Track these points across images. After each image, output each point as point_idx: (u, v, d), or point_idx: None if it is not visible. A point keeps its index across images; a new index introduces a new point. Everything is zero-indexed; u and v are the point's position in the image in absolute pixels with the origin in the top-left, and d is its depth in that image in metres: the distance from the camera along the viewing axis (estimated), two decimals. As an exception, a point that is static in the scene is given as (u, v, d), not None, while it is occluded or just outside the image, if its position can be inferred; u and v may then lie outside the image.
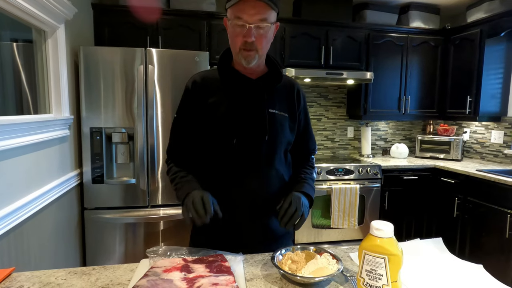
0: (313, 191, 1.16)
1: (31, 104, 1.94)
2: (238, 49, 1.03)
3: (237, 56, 1.06)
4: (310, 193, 1.13)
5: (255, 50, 1.02)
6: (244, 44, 1.01)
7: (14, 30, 2.08)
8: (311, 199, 1.12)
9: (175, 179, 1.12)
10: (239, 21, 0.99)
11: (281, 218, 1.00)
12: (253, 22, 0.98)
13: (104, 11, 2.53)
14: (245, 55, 1.03)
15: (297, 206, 1.02)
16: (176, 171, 1.14)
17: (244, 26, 0.99)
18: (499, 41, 2.86)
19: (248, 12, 0.97)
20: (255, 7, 0.97)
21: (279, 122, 1.10)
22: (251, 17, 0.98)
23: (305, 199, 1.08)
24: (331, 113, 3.46)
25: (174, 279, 0.80)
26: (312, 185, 1.18)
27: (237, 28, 1.00)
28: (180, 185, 1.08)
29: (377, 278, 0.74)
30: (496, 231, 2.38)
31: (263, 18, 0.99)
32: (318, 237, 2.80)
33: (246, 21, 0.98)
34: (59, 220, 1.87)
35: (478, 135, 3.25)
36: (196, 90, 1.12)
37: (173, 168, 1.16)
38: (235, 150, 1.07)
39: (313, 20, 2.93)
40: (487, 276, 0.87)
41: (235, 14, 0.99)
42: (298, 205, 1.02)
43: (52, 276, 0.85)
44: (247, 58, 1.03)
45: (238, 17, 0.99)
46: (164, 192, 2.25)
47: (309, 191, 1.13)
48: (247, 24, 0.98)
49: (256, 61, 1.05)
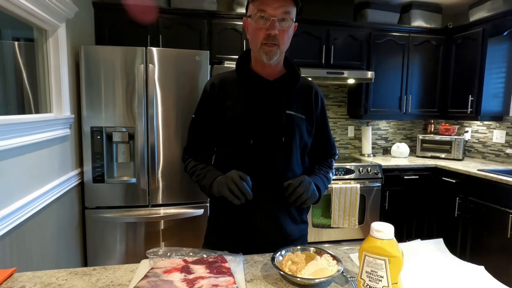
0: (324, 187, 1.15)
1: (32, 103, 1.95)
2: (259, 44, 1.04)
3: (257, 53, 1.06)
4: (320, 186, 1.12)
5: (277, 45, 1.03)
6: (267, 37, 1.01)
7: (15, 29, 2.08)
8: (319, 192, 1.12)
9: (196, 171, 1.14)
10: (263, 13, 1.00)
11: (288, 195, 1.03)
12: (277, 15, 1.00)
13: (105, 10, 2.53)
14: (266, 50, 1.03)
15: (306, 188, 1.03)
16: (195, 164, 1.16)
17: (268, 19, 1.00)
18: (501, 40, 2.85)
19: (272, 5, 0.99)
20: (279, 0, 0.99)
21: (296, 123, 1.10)
22: (274, 10, 0.99)
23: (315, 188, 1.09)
24: (331, 113, 3.46)
25: (174, 280, 0.80)
26: (325, 182, 1.17)
27: (260, 22, 1.01)
28: (203, 175, 1.10)
29: (378, 280, 0.74)
30: (498, 231, 2.37)
31: (287, 11, 1.01)
32: (319, 236, 2.80)
33: (270, 14, 0.99)
34: (60, 219, 1.87)
35: (480, 135, 3.24)
36: (214, 92, 1.13)
37: (191, 162, 1.18)
38: (252, 151, 1.07)
39: (314, 19, 2.92)
40: (489, 278, 0.86)
41: (259, 8, 1.00)
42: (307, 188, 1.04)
43: (53, 276, 0.85)
44: (268, 53, 1.03)
45: (261, 10, 1.00)
46: (165, 191, 2.25)
47: (319, 184, 1.12)
48: (271, 17, 0.99)
49: (277, 57, 1.05)
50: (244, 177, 0.99)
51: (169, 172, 2.25)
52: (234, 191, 0.98)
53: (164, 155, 2.23)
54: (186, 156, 1.22)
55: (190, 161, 1.19)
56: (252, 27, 1.04)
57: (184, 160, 1.22)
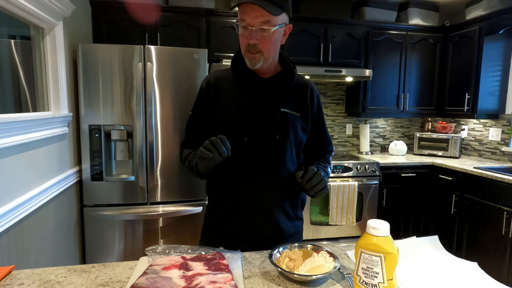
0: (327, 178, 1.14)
1: (30, 101, 1.94)
2: (244, 51, 1.05)
3: (244, 57, 1.08)
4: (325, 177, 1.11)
5: (260, 52, 1.03)
6: (248, 46, 1.03)
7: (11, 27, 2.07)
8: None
9: (188, 156, 1.15)
10: (242, 23, 1.01)
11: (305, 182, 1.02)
12: (255, 25, 0.99)
13: (102, 8, 2.52)
14: (250, 57, 1.05)
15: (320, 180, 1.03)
16: (189, 152, 1.17)
17: (247, 28, 1.00)
18: (497, 38, 2.86)
19: (249, 14, 0.99)
20: (257, 10, 0.97)
21: (291, 121, 1.11)
22: (252, 19, 0.99)
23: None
24: (330, 110, 3.47)
25: (173, 276, 0.81)
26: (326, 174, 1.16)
27: (241, 30, 1.02)
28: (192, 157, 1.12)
29: (373, 276, 0.75)
30: (493, 228, 2.39)
31: (266, 21, 0.99)
32: (317, 233, 2.81)
33: (248, 24, 1.00)
34: (58, 217, 1.87)
35: (476, 133, 3.26)
36: (210, 90, 1.14)
37: (185, 151, 1.19)
38: (246, 148, 1.08)
39: (312, 17, 2.92)
40: (482, 273, 0.88)
41: (240, 16, 1.01)
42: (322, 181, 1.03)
43: (52, 273, 0.86)
44: (251, 60, 1.05)
45: (242, 19, 1.01)
46: (163, 189, 2.26)
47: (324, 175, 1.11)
48: (249, 26, 1.00)
49: (261, 63, 1.06)
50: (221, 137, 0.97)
51: (168, 170, 2.25)
52: (207, 145, 0.96)
53: (162, 153, 2.24)
54: (182, 149, 1.23)
55: (184, 150, 1.20)
56: (239, 34, 1.06)
57: (181, 153, 1.23)
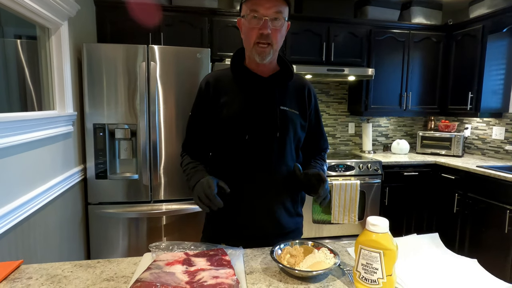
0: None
1: (35, 100, 1.97)
2: (252, 44, 1.06)
3: (251, 52, 1.08)
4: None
5: (270, 44, 1.05)
6: (260, 37, 1.04)
7: (18, 27, 2.10)
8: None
9: (186, 170, 1.17)
10: (255, 14, 1.02)
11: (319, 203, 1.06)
12: (269, 15, 1.02)
13: (106, 8, 2.54)
14: (259, 51, 1.06)
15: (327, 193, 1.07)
16: (188, 163, 1.19)
17: (260, 19, 1.02)
18: (501, 37, 2.85)
19: (264, 5, 1.02)
20: (270, 0, 1.01)
21: (290, 119, 1.13)
22: (267, 10, 1.02)
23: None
24: (332, 109, 3.47)
25: (176, 272, 0.82)
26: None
27: (253, 21, 1.04)
28: (190, 175, 1.13)
29: (373, 272, 0.76)
30: (496, 227, 2.39)
31: (279, 11, 1.03)
32: (319, 232, 2.83)
33: (262, 14, 1.02)
34: (63, 215, 1.90)
35: (479, 131, 3.26)
36: (209, 90, 1.15)
37: (185, 160, 1.21)
38: (247, 146, 1.10)
39: (315, 17, 2.93)
40: (481, 270, 0.89)
41: (251, 8, 1.03)
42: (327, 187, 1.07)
43: (59, 268, 0.88)
44: (261, 54, 1.06)
45: (254, 10, 1.02)
46: (167, 187, 2.28)
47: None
48: (263, 16, 1.02)
49: (271, 56, 1.08)
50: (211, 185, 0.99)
51: (171, 169, 2.27)
52: (202, 199, 1.00)
53: (165, 152, 2.26)
54: (183, 152, 1.25)
55: (186, 158, 1.22)
56: (246, 27, 1.07)
57: (182, 156, 1.25)
